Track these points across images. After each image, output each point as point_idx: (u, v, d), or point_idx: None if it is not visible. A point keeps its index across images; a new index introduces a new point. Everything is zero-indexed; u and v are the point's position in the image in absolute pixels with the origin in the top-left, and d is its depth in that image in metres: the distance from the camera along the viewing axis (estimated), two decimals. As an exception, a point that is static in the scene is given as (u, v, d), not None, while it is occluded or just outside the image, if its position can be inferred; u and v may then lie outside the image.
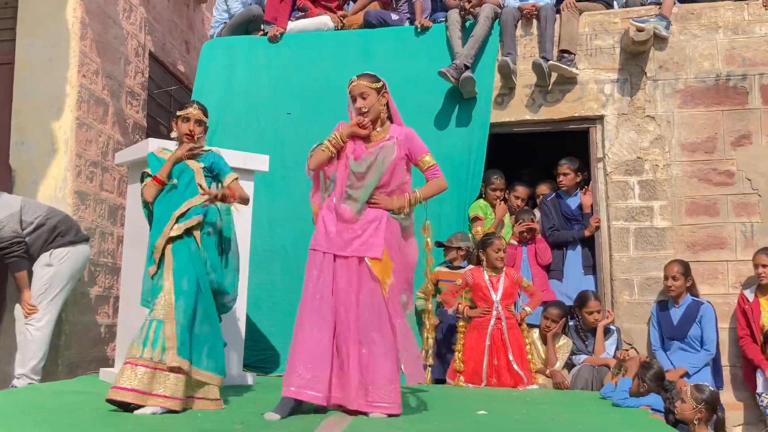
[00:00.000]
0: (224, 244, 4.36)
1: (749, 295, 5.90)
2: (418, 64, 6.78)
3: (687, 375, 5.65)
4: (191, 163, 4.33)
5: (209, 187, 4.27)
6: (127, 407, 3.88)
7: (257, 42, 7.23)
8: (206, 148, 4.46)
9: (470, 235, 6.28)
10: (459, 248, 6.09)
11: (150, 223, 4.37)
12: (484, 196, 6.53)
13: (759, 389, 5.71)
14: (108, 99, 6.70)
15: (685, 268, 5.92)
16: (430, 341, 4.85)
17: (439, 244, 6.08)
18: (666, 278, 5.94)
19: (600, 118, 6.56)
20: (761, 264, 5.80)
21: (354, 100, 4.17)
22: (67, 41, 6.19)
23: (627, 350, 5.78)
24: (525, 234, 6.41)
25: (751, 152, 6.27)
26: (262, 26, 7.33)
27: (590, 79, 6.58)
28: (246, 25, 7.37)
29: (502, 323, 5.60)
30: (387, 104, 4.26)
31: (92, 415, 3.77)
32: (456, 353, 5.73)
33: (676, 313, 5.91)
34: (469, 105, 6.63)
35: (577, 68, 6.50)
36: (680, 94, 6.45)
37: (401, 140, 4.18)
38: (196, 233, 4.21)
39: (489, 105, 6.61)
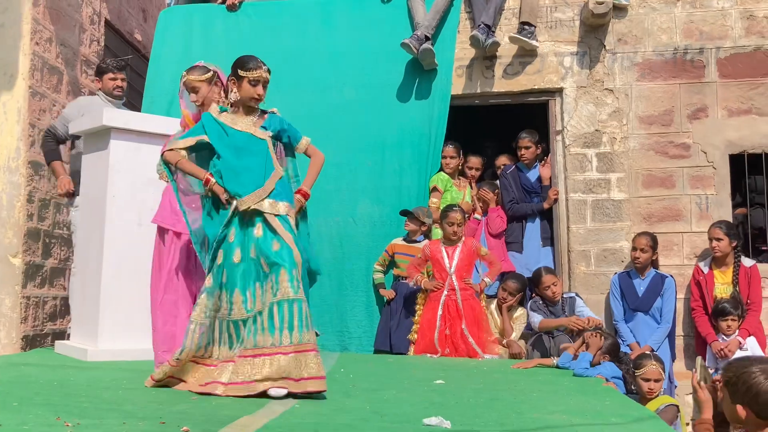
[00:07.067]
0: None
1: (704, 267, 5.99)
2: (380, 34, 6.70)
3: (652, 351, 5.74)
4: (259, 131, 3.89)
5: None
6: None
7: (215, 10, 7.09)
8: (269, 110, 4.02)
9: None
10: (423, 223, 6.07)
11: (174, 180, 3.97)
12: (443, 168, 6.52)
13: (707, 363, 5.83)
14: (62, 67, 6.56)
15: (654, 241, 6.00)
16: None
17: (404, 213, 6.07)
18: (634, 249, 6.01)
19: (559, 91, 6.59)
20: (715, 237, 5.88)
21: (189, 93, 4.26)
22: (18, 7, 6.03)
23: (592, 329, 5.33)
24: (480, 205, 6.45)
25: (707, 125, 6.36)
26: (220, -6, 7.21)
27: (550, 52, 6.60)
28: (205, -7, 7.24)
29: (456, 294, 5.64)
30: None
31: (47, 387, 3.73)
32: (414, 325, 5.78)
33: (640, 285, 6.00)
34: (430, 77, 6.59)
35: (537, 41, 6.51)
36: (638, 67, 6.50)
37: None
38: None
39: (450, 77, 6.57)
